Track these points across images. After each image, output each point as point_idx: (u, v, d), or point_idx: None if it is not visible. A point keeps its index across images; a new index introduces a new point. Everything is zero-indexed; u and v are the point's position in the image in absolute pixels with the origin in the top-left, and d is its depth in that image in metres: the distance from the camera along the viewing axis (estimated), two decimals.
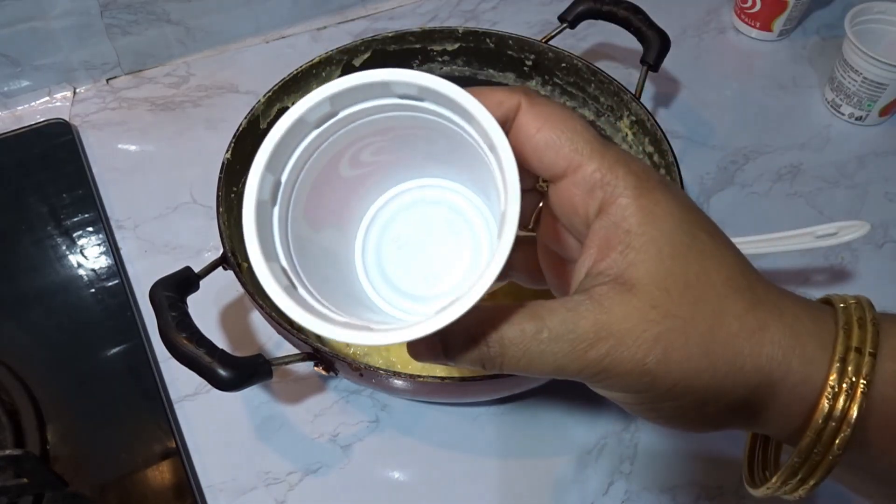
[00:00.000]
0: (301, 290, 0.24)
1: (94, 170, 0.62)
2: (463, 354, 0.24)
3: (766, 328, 0.23)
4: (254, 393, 0.50)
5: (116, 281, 0.55)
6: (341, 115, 0.25)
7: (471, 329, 0.23)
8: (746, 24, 0.74)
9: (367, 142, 0.27)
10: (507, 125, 0.24)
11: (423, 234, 0.29)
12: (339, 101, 0.24)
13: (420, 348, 0.25)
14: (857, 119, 0.66)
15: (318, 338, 0.50)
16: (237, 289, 0.52)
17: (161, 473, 0.46)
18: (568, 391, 0.50)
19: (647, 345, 0.22)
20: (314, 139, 0.25)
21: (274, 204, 0.25)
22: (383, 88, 0.24)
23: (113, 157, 0.63)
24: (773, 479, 0.24)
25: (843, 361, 0.22)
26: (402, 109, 0.25)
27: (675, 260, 0.23)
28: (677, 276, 0.23)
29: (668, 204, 0.23)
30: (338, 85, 0.23)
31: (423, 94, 0.23)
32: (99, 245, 0.57)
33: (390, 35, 0.56)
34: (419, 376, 0.41)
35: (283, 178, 0.25)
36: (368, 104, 0.24)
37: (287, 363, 0.42)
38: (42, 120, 0.65)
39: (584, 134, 0.24)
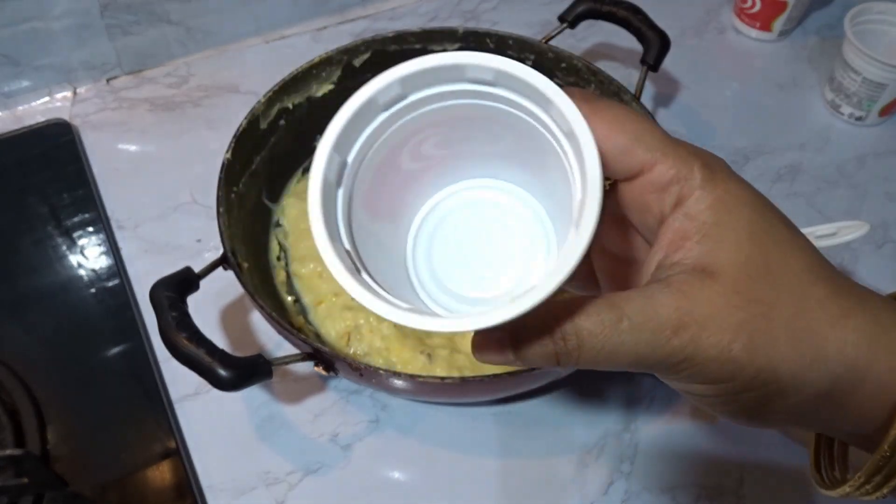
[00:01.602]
0: (364, 275, 0.23)
1: (95, 170, 0.62)
2: (536, 351, 0.23)
3: (849, 316, 0.22)
4: (254, 393, 0.50)
5: (116, 281, 0.55)
6: (411, 98, 0.24)
7: (544, 323, 0.23)
8: (746, 24, 0.74)
9: (431, 132, 0.26)
10: None
11: (477, 236, 0.28)
12: (410, 83, 0.23)
13: (488, 347, 0.24)
14: (856, 119, 0.66)
15: (318, 337, 0.50)
16: (237, 289, 0.52)
17: (161, 473, 0.46)
18: (568, 391, 0.50)
19: (733, 330, 0.22)
20: (382, 122, 0.24)
21: (339, 186, 0.24)
22: (456, 72, 0.23)
23: (113, 157, 0.63)
24: (857, 476, 0.24)
25: None
26: (473, 97, 0.24)
27: (753, 247, 0.23)
28: (757, 263, 0.22)
29: (741, 194, 0.23)
30: (410, 67, 0.22)
31: (498, 78, 0.23)
32: (99, 245, 0.57)
33: (390, 35, 0.56)
34: (419, 376, 0.41)
35: (349, 160, 0.24)
36: (439, 89, 0.24)
37: (287, 363, 0.42)
38: (42, 120, 0.65)
39: (653, 133, 0.24)
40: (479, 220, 0.28)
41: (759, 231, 0.23)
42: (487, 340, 0.24)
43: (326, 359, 0.42)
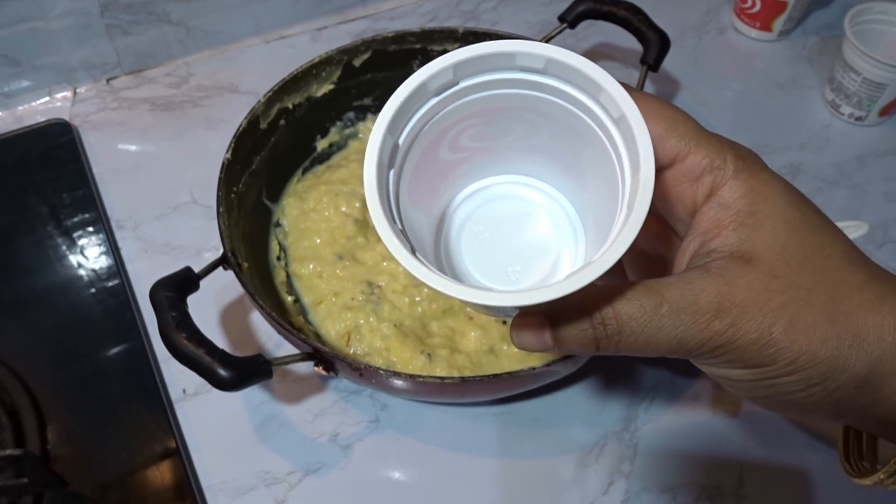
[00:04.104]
0: (419, 255, 0.23)
1: (95, 170, 0.62)
2: (575, 336, 0.23)
3: (884, 301, 0.23)
4: (254, 393, 0.50)
5: (116, 281, 0.55)
6: (461, 85, 0.24)
7: (583, 308, 0.23)
8: (746, 24, 0.74)
9: (472, 122, 0.26)
10: None
11: (506, 231, 0.28)
12: (462, 69, 0.23)
13: (526, 333, 0.24)
14: (856, 119, 0.66)
15: (318, 337, 0.50)
16: (237, 289, 0.52)
17: (161, 473, 0.46)
18: (568, 391, 0.50)
19: (773, 314, 0.22)
20: (431, 108, 0.24)
21: (390, 167, 0.24)
22: (508, 60, 0.23)
23: (113, 157, 0.63)
24: (891, 463, 0.24)
25: None
26: (520, 86, 0.24)
27: (789, 234, 0.23)
28: (794, 249, 0.23)
29: (775, 184, 0.24)
30: (463, 53, 0.23)
31: (549, 66, 0.23)
32: (99, 245, 0.57)
33: (390, 35, 0.56)
34: (419, 376, 0.41)
35: (400, 142, 0.24)
36: (489, 77, 0.24)
37: (287, 363, 0.42)
38: (42, 120, 0.65)
39: (687, 123, 0.24)
40: (508, 215, 0.29)
41: (793, 219, 0.23)
42: (527, 325, 0.24)
43: (326, 359, 0.42)
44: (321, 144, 0.60)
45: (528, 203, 0.29)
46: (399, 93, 0.23)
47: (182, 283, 0.42)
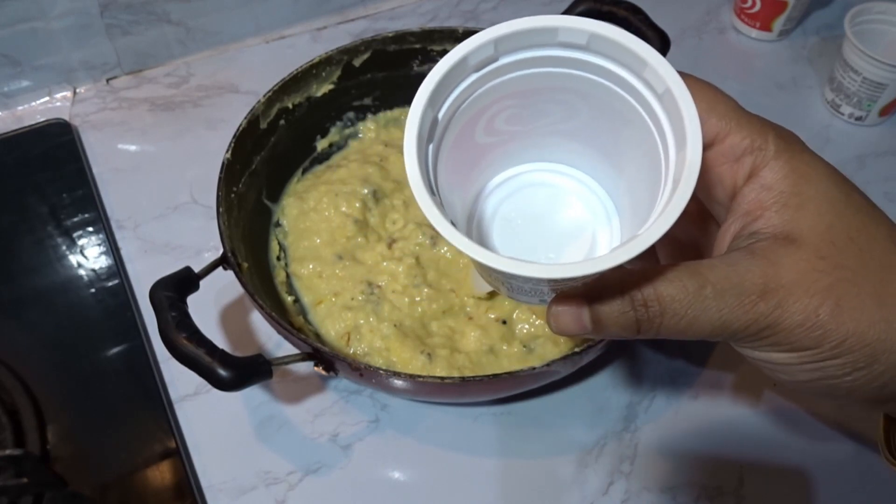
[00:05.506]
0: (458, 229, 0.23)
1: (95, 170, 0.62)
2: (615, 319, 0.23)
3: None
4: (254, 393, 0.50)
5: (116, 281, 0.55)
6: (501, 61, 0.24)
7: (624, 289, 0.22)
8: (746, 24, 0.74)
9: (509, 103, 0.26)
10: None
11: (539, 218, 0.28)
12: (503, 44, 0.23)
13: (564, 314, 0.23)
14: (856, 119, 0.66)
15: (318, 337, 0.50)
16: (237, 289, 0.52)
17: (161, 473, 0.46)
18: (568, 391, 0.50)
19: (820, 295, 0.22)
20: (470, 84, 0.24)
21: (430, 141, 0.24)
22: (550, 35, 0.23)
23: (113, 157, 0.63)
24: None
25: None
26: (561, 65, 0.24)
27: (834, 216, 0.23)
28: (839, 230, 0.22)
29: (818, 165, 0.24)
30: (505, 28, 0.23)
31: (592, 42, 0.23)
32: (99, 245, 0.57)
33: (390, 35, 0.56)
34: (419, 376, 0.41)
35: (440, 117, 0.24)
36: (530, 54, 0.24)
37: (287, 363, 0.42)
38: (42, 120, 0.65)
39: (727, 103, 0.24)
40: (540, 203, 0.28)
41: (837, 200, 0.23)
42: (565, 305, 0.23)
43: (326, 359, 0.42)
44: (321, 144, 0.60)
45: (561, 190, 0.28)
46: (440, 66, 0.23)
47: (182, 283, 0.42)
